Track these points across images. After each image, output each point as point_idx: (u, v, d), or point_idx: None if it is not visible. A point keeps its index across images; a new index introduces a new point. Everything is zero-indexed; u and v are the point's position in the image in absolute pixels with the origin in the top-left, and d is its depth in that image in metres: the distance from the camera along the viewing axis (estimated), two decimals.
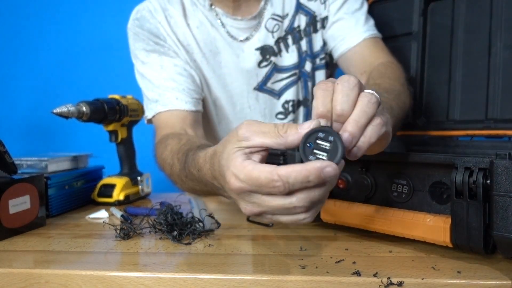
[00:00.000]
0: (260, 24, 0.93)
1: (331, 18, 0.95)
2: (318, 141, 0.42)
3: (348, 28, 0.93)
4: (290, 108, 0.98)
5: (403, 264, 0.53)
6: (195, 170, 0.59)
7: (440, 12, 0.95)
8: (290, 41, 0.95)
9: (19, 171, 0.78)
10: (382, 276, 0.49)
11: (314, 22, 0.96)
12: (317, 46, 0.97)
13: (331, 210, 0.65)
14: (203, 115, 0.94)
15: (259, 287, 0.50)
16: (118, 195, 0.98)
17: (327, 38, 0.96)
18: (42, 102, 1.72)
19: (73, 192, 0.95)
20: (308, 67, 0.97)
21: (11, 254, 0.63)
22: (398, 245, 0.60)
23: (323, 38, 0.97)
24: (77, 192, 0.96)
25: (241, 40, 0.92)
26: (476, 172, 0.49)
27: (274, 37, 0.94)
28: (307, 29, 0.96)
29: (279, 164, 0.69)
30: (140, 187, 1.05)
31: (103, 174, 1.09)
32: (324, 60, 0.99)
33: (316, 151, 0.42)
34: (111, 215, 0.87)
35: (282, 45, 0.95)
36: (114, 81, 1.63)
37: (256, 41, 0.93)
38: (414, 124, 0.95)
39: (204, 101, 0.94)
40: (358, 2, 0.95)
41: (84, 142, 1.68)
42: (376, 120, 0.46)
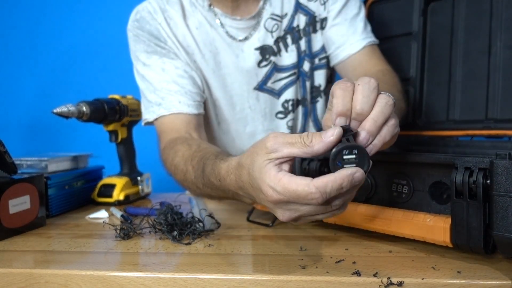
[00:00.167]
0: (259, 24, 0.93)
1: (330, 21, 0.95)
2: (345, 157, 0.45)
3: (347, 36, 0.93)
4: (290, 108, 0.98)
5: (403, 264, 0.53)
6: (216, 180, 0.60)
7: (440, 12, 0.95)
8: (289, 40, 0.95)
9: (19, 171, 0.78)
10: (382, 276, 0.49)
11: (313, 23, 0.96)
12: (316, 46, 0.97)
13: None
14: (203, 116, 0.94)
15: (259, 287, 0.50)
16: (118, 195, 0.98)
17: (325, 41, 0.97)
18: (42, 102, 1.72)
19: (73, 192, 0.95)
20: (306, 66, 0.97)
21: (11, 254, 0.63)
22: (398, 245, 0.60)
23: (322, 39, 0.97)
24: (77, 192, 0.96)
25: (240, 40, 0.92)
26: (476, 172, 0.49)
27: (273, 36, 0.94)
28: (307, 29, 0.96)
29: None
30: (140, 187, 1.05)
31: (103, 174, 1.09)
32: (324, 60, 0.99)
33: (346, 166, 0.45)
34: (111, 215, 0.87)
35: (281, 44, 0.95)
36: (114, 81, 1.62)
37: (256, 41, 0.93)
38: (414, 124, 0.95)
39: (204, 102, 0.94)
40: (356, 6, 0.95)
41: (84, 142, 1.68)
42: (391, 121, 0.49)
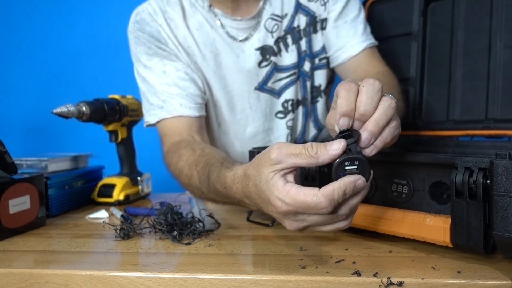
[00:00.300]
0: (259, 24, 0.93)
1: (330, 22, 0.95)
2: (347, 167, 0.47)
3: (348, 37, 0.94)
4: (290, 107, 0.98)
5: (403, 264, 0.53)
6: (221, 188, 0.61)
7: (440, 12, 0.95)
8: (289, 40, 0.95)
9: (19, 171, 0.78)
10: (382, 276, 0.49)
11: (314, 23, 0.96)
12: (316, 46, 0.97)
13: None
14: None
15: (259, 287, 0.50)
16: (118, 195, 0.98)
17: (325, 42, 0.97)
18: (42, 102, 1.72)
19: (73, 192, 0.95)
20: (307, 67, 0.97)
21: (11, 254, 0.63)
22: (398, 245, 0.60)
23: (323, 40, 0.97)
24: (77, 192, 0.96)
25: (240, 40, 0.92)
26: (476, 172, 0.49)
27: (274, 37, 0.94)
28: (307, 29, 0.96)
29: None
30: (140, 187, 1.05)
31: (103, 174, 1.09)
32: (324, 60, 0.99)
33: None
34: (111, 215, 0.87)
35: (281, 44, 0.95)
36: (114, 81, 1.63)
37: (256, 41, 0.93)
38: (414, 124, 0.95)
39: (205, 103, 0.94)
40: (356, 8, 0.95)
41: (84, 142, 1.68)
42: (393, 122, 0.50)
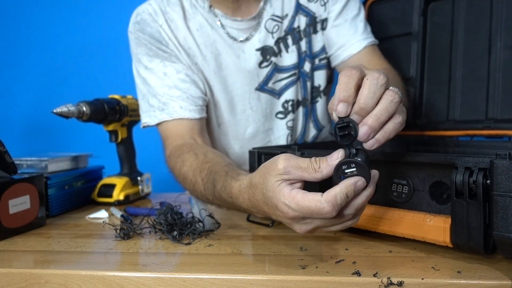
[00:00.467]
0: (260, 25, 0.93)
1: (330, 21, 0.95)
2: (346, 170, 0.48)
3: (348, 36, 0.94)
4: (290, 108, 0.98)
5: (403, 264, 0.53)
6: (227, 197, 0.62)
7: (440, 12, 0.95)
8: (290, 41, 0.95)
9: (19, 171, 0.78)
10: (382, 276, 0.49)
11: (314, 23, 0.96)
12: (316, 46, 0.97)
13: None
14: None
15: (259, 287, 0.50)
16: (118, 195, 0.98)
17: (325, 41, 0.97)
18: (42, 102, 1.72)
19: (73, 192, 0.95)
20: (307, 67, 0.97)
21: (11, 254, 0.63)
22: (398, 245, 0.60)
23: (323, 39, 0.97)
24: (77, 192, 0.96)
25: (241, 41, 0.92)
26: (476, 172, 0.49)
27: (274, 37, 0.94)
28: (307, 29, 0.96)
29: None
30: (140, 187, 1.05)
31: (103, 174, 1.09)
32: (324, 61, 0.99)
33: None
34: (111, 215, 0.87)
35: (282, 45, 0.95)
36: (114, 81, 1.63)
37: (256, 41, 0.93)
38: (414, 124, 0.95)
39: (206, 104, 0.94)
40: (356, 7, 0.95)
41: (84, 142, 1.68)
42: (398, 118, 0.50)
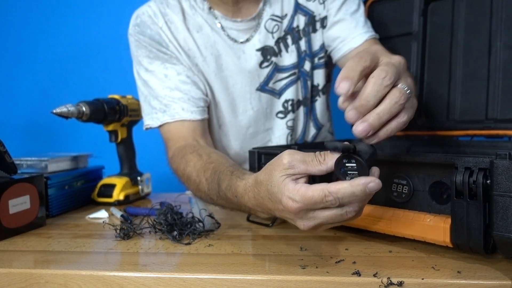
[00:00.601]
0: (260, 25, 0.93)
1: (330, 18, 0.95)
2: (347, 164, 0.48)
3: (349, 30, 0.94)
4: (290, 108, 0.98)
5: (403, 264, 0.53)
6: (232, 196, 0.62)
7: (440, 12, 0.95)
8: (289, 41, 0.95)
9: (19, 171, 0.78)
10: (382, 276, 0.49)
11: (313, 22, 0.96)
12: (316, 45, 0.97)
13: None
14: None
15: (259, 287, 0.50)
16: (118, 195, 0.98)
17: (326, 38, 0.97)
18: (42, 102, 1.72)
19: (73, 192, 0.95)
20: (307, 66, 0.98)
21: (11, 254, 0.63)
22: (398, 245, 0.60)
23: (322, 38, 0.97)
24: (77, 192, 0.96)
25: (241, 42, 0.93)
26: (476, 172, 0.49)
27: (274, 37, 0.94)
28: (306, 29, 0.96)
29: None
30: (140, 187, 1.05)
31: (103, 174, 1.09)
32: (323, 60, 0.99)
33: (350, 172, 0.48)
34: (111, 215, 0.87)
35: (282, 45, 0.95)
36: (114, 81, 1.63)
37: (257, 42, 0.93)
38: (414, 124, 0.95)
39: (208, 105, 0.94)
40: (356, 2, 0.95)
41: (84, 142, 1.68)
42: (403, 117, 0.50)
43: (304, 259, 0.55)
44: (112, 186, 0.99)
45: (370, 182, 0.46)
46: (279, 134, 0.99)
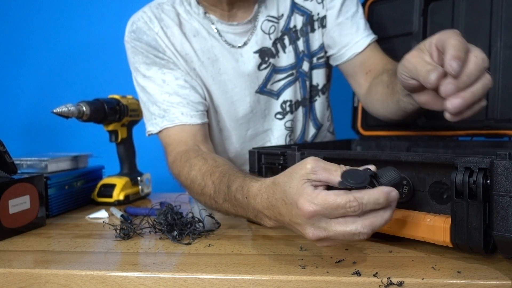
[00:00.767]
0: (256, 27, 0.92)
1: (331, 20, 0.95)
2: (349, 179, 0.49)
3: (351, 35, 0.94)
4: (288, 108, 0.98)
5: (403, 264, 0.53)
6: (243, 197, 0.61)
7: (440, 12, 0.95)
8: (286, 41, 0.95)
9: (19, 171, 0.78)
10: (382, 276, 0.49)
11: (311, 22, 0.96)
12: (314, 45, 0.97)
13: None
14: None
15: (259, 287, 0.50)
16: (118, 195, 0.98)
17: (327, 40, 0.97)
18: (42, 102, 1.72)
19: (73, 192, 0.95)
20: (305, 66, 0.97)
21: (11, 254, 0.63)
22: (398, 245, 0.60)
23: (322, 38, 0.97)
24: (77, 192, 0.96)
25: (239, 47, 0.92)
26: (476, 172, 0.49)
27: (271, 38, 0.93)
28: (304, 29, 0.95)
29: (280, 164, 0.70)
30: (140, 187, 1.06)
31: (103, 174, 1.09)
32: (322, 59, 0.98)
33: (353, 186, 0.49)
34: (111, 215, 0.87)
35: (279, 46, 0.95)
36: (114, 81, 1.63)
37: (254, 44, 0.92)
38: (414, 124, 0.95)
39: (207, 109, 0.93)
40: (354, 3, 0.95)
41: (84, 142, 1.68)
42: (483, 102, 0.55)
43: (304, 259, 0.55)
44: (112, 186, 0.99)
45: (392, 191, 0.48)
46: (278, 135, 0.99)
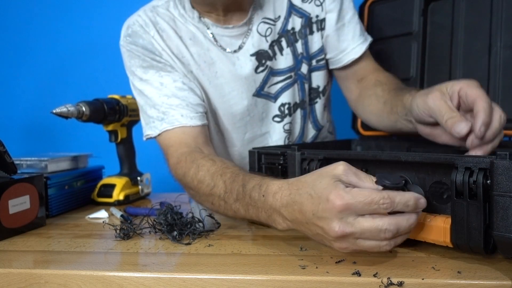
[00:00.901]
0: (252, 30, 0.91)
1: (330, 24, 0.94)
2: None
3: (347, 41, 0.95)
4: (286, 111, 0.97)
5: (403, 264, 0.53)
6: (259, 195, 0.60)
7: (440, 12, 0.95)
8: (284, 43, 0.94)
9: (19, 171, 0.78)
10: (382, 276, 0.49)
11: (309, 24, 0.95)
12: (314, 47, 0.96)
13: None
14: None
15: (259, 287, 0.50)
16: (118, 195, 0.98)
17: (325, 43, 0.96)
18: (42, 102, 1.72)
19: (73, 192, 0.95)
20: (304, 69, 0.96)
21: (11, 254, 0.63)
22: (398, 245, 0.60)
23: (322, 41, 0.96)
24: (77, 192, 0.96)
25: (235, 51, 0.91)
26: (476, 172, 0.49)
27: (268, 41, 0.92)
28: (303, 31, 0.94)
29: (280, 164, 0.70)
30: (140, 187, 1.05)
31: (103, 174, 1.09)
32: (322, 61, 0.98)
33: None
34: (111, 215, 0.87)
35: (276, 48, 0.93)
36: (114, 81, 1.62)
37: (250, 47, 0.91)
38: None
39: (205, 111, 0.93)
40: (351, 7, 0.96)
41: (84, 142, 1.68)
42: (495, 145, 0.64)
43: (304, 259, 0.55)
44: (112, 186, 0.99)
45: (421, 198, 0.51)
46: (276, 138, 0.98)
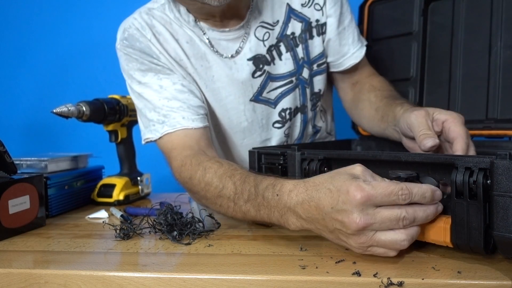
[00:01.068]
0: (249, 34, 0.90)
1: (332, 28, 0.94)
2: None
3: (347, 45, 0.95)
4: (287, 116, 0.96)
5: (403, 264, 0.53)
6: (273, 195, 0.59)
7: (440, 12, 0.95)
8: (283, 48, 0.93)
9: (18, 171, 0.78)
10: (382, 276, 0.48)
11: (309, 29, 0.94)
12: (314, 52, 0.95)
13: None
14: None
15: (259, 287, 0.50)
16: (118, 195, 0.98)
17: (326, 47, 0.96)
18: (42, 102, 1.72)
19: (73, 192, 0.95)
20: (305, 73, 0.95)
21: (11, 254, 0.63)
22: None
23: (322, 45, 0.95)
24: (77, 192, 0.96)
25: (232, 56, 0.90)
26: (476, 172, 0.49)
27: (266, 45, 0.91)
28: (303, 35, 0.93)
29: (280, 164, 0.70)
30: (140, 187, 1.05)
31: (103, 174, 1.09)
32: (323, 66, 0.97)
33: None
34: (111, 215, 0.87)
35: (274, 53, 0.92)
36: (114, 81, 1.62)
37: (247, 51, 0.90)
38: None
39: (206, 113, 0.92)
40: (349, 11, 0.96)
41: (84, 142, 1.68)
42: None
43: (304, 259, 0.55)
44: (112, 186, 0.99)
45: (438, 190, 0.52)
46: (276, 143, 0.98)
